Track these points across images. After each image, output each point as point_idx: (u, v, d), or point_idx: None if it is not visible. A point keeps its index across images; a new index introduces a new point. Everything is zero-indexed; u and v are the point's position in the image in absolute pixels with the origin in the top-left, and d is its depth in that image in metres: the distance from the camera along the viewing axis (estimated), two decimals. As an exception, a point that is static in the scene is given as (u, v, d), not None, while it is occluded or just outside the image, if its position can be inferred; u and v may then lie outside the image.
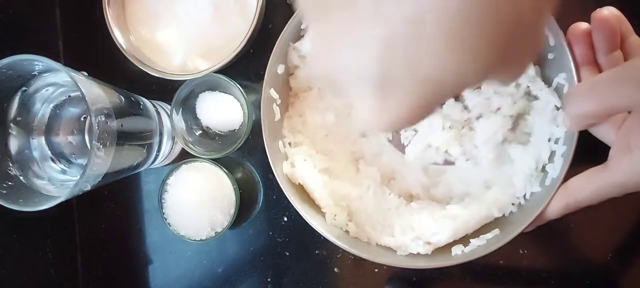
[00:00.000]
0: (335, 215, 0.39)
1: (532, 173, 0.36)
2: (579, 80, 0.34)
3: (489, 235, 0.37)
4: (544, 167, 0.36)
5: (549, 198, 0.34)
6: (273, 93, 0.39)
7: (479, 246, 0.36)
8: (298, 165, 0.40)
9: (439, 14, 0.17)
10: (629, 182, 0.30)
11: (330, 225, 0.39)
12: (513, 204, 0.37)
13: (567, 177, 0.34)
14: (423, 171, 0.41)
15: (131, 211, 0.50)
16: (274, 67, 0.39)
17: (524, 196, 0.37)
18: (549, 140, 0.36)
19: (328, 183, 0.40)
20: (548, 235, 0.43)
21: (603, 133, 0.33)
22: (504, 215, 0.38)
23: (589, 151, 0.32)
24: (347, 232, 0.39)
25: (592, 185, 0.31)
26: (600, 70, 0.33)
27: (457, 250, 0.36)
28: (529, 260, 0.44)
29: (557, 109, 0.35)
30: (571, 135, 0.34)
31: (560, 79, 0.35)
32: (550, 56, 0.35)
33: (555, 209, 0.34)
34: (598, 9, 0.32)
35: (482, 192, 0.38)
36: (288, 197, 0.38)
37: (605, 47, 0.33)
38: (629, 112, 0.30)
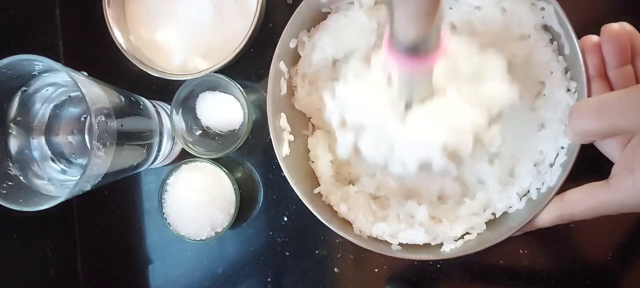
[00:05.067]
0: (327, 191, 0.40)
1: (538, 162, 0.37)
2: (589, 92, 0.34)
3: (480, 234, 0.37)
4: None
5: (542, 205, 0.34)
6: (282, 66, 0.39)
7: (468, 242, 0.36)
8: (315, 133, 0.41)
9: None
10: (629, 202, 0.30)
11: (327, 210, 0.39)
12: (537, 188, 0.37)
13: (563, 188, 0.34)
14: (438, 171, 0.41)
15: (131, 211, 0.50)
16: (287, 41, 0.39)
17: (536, 189, 0.37)
18: (556, 140, 0.36)
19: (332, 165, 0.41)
20: (548, 235, 0.43)
21: (608, 149, 0.33)
22: (494, 215, 0.38)
23: (588, 164, 0.33)
24: (336, 213, 0.39)
25: (590, 200, 0.32)
26: (610, 84, 0.34)
27: (446, 246, 0.37)
28: (529, 260, 0.44)
29: None
30: (573, 147, 0.34)
31: (571, 87, 0.35)
32: (564, 64, 0.35)
33: (548, 218, 0.34)
34: (609, 24, 0.32)
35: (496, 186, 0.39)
36: (287, 176, 0.38)
37: (614, 61, 0.33)
38: None
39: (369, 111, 0.35)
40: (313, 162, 0.41)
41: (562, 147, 0.35)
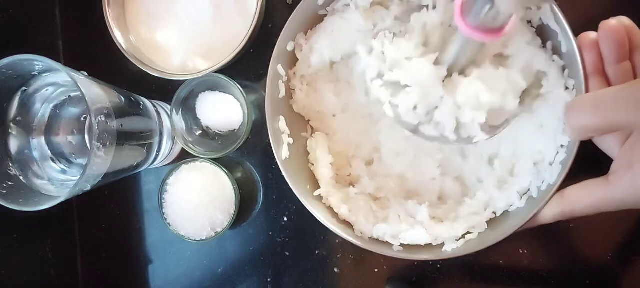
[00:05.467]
0: (328, 192, 0.39)
1: (537, 162, 0.37)
2: (587, 89, 0.34)
3: (481, 233, 0.37)
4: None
5: (543, 203, 0.34)
6: (280, 69, 0.39)
7: (470, 241, 0.37)
8: (314, 136, 0.41)
9: None
10: (629, 199, 0.30)
11: (328, 211, 0.39)
12: (537, 187, 0.37)
13: (562, 185, 0.34)
14: (439, 168, 0.41)
15: (131, 211, 0.50)
16: (284, 44, 0.39)
17: (535, 188, 0.37)
18: (555, 139, 0.36)
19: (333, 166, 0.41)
20: (548, 235, 0.43)
21: (606, 145, 0.33)
22: (495, 213, 0.38)
23: (587, 161, 0.33)
24: (337, 214, 0.39)
25: (591, 197, 0.32)
26: (608, 81, 0.34)
27: (448, 246, 0.37)
28: (529, 260, 0.44)
29: None
30: (573, 145, 0.34)
31: (569, 85, 0.35)
32: (561, 63, 0.35)
33: (549, 215, 0.34)
34: (607, 19, 0.32)
35: (493, 187, 0.39)
36: (287, 180, 0.38)
37: (612, 57, 0.33)
38: None
39: (411, 70, 0.34)
40: (313, 164, 0.41)
41: (562, 146, 0.35)
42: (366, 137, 0.43)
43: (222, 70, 0.42)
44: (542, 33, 0.37)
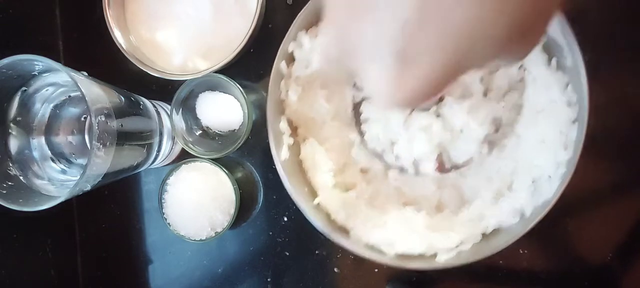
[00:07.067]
0: (326, 198, 0.39)
1: (536, 178, 0.37)
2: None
3: (475, 244, 0.37)
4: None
5: (539, 217, 0.34)
6: (283, 68, 0.39)
7: (462, 252, 0.37)
8: (308, 142, 0.41)
9: None
10: None
11: (324, 215, 0.39)
12: (515, 214, 0.37)
13: (559, 200, 0.34)
14: (433, 181, 0.41)
15: (131, 211, 0.50)
16: (288, 44, 0.39)
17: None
18: (556, 154, 0.36)
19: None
20: (548, 235, 0.43)
21: None
22: (486, 229, 0.38)
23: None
24: (334, 220, 0.39)
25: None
26: None
27: (441, 257, 0.37)
28: (529, 260, 0.44)
29: (573, 122, 0.35)
30: (573, 161, 0.34)
31: (572, 99, 0.35)
32: (565, 78, 0.35)
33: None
34: None
35: (491, 200, 0.39)
36: (283, 183, 0.38)
37: None
38: None
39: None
40: (310, 171, 0.41)
41: (562, 161, 0.35)
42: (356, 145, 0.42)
43: (222, 70, 0.42)
44: (549, 49, 0.36)
